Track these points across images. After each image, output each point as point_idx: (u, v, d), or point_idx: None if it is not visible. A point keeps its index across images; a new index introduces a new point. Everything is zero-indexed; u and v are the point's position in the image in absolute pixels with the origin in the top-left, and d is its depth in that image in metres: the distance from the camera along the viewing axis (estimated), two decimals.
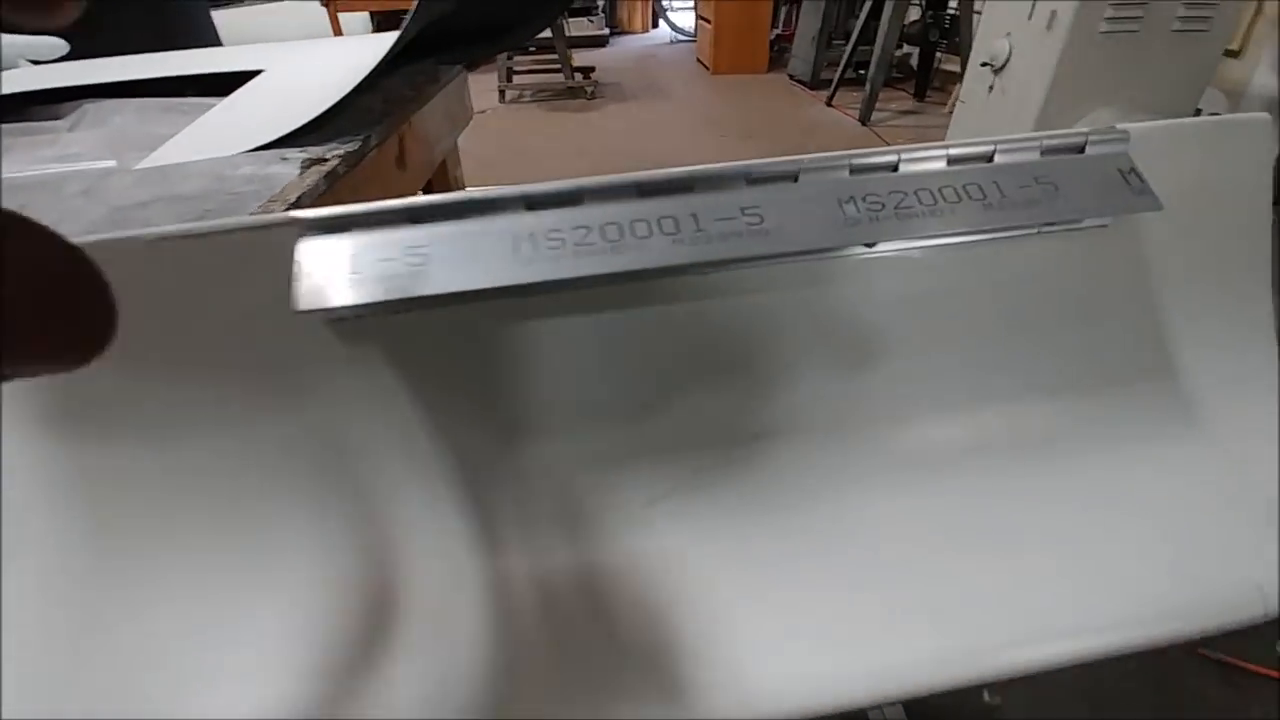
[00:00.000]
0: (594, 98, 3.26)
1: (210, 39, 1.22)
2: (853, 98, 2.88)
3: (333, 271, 0.20)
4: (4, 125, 0.51)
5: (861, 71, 2.84)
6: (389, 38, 0.56)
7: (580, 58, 3.60)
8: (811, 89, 3.30)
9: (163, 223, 0.23)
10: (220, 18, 1.46)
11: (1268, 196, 0.26)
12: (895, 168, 0.21)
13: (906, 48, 2.99)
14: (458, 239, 0.19)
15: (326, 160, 0.40)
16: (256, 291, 0.21)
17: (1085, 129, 0.22)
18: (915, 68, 2.99)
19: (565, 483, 0.25)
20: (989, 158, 0.21)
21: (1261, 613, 0.23)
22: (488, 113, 3.03)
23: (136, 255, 0.20)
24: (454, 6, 0.58)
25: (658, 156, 2.40)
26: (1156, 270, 0.27)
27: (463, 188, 0.85)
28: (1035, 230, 0.21)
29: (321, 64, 0.61)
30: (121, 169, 0.41)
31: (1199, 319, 0.28)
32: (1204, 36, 1.40)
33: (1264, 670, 0.74)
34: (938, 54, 2.86)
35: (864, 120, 2.73)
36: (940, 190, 0.21)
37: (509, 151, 2.58)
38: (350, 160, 0.42)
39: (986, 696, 0.72)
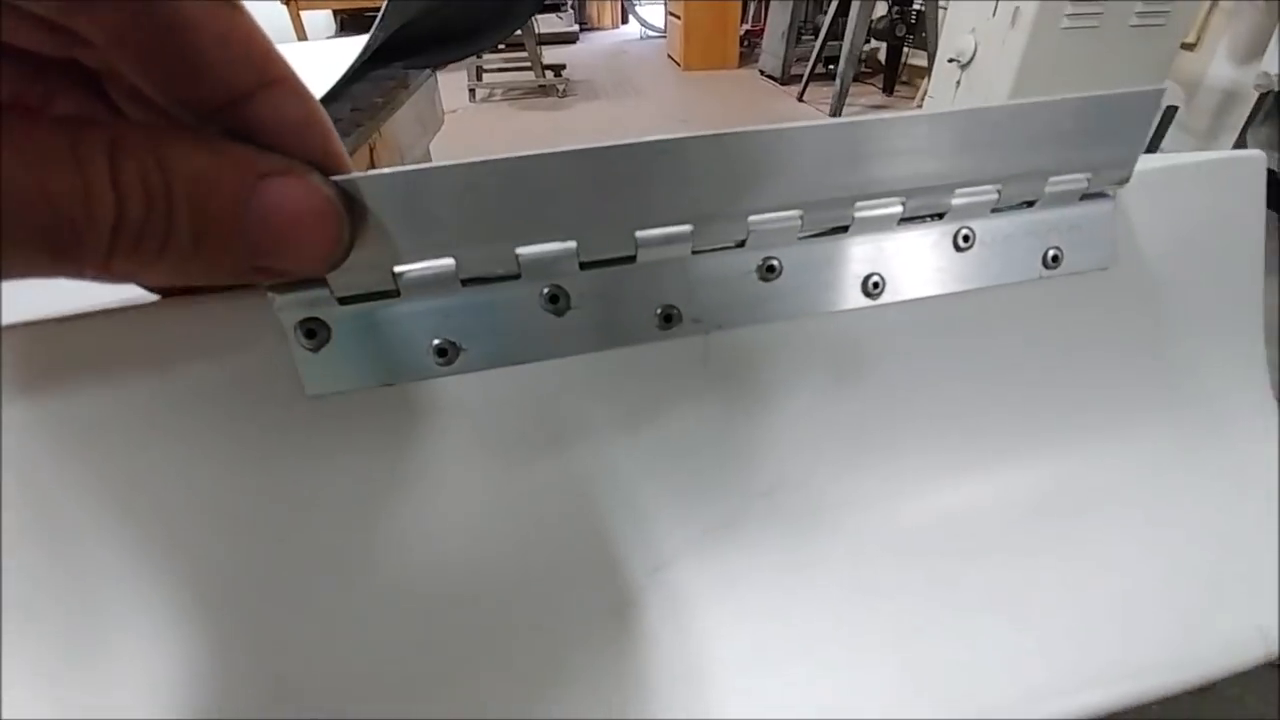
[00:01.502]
0: (565, 95, 3.24)
1: None
2: (823, 93, 2.90)
3: None
4: None
5: (831, 66, 2.87)
6: (353, 43, 0.54)
7: (550, 55, 3.57)
8: (782, 84, 3.32)
9: None
10: None
11: (1260, 234, 0.26)
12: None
13: (874, 42, 3.02)
14: None
15: None
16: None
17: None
18: (883, 62, 3.03)
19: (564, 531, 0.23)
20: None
21: (1263, 654, 0.22)
22: (458, 112, 2.99)
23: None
24: (422, 12, 0.57)
25: None
26: (1152, 316, 0.26)
27: None
28: (1037, 276, 0.20)
29: None
30: None
31: (1195, 364, 0.27)
32: (1161, 31, 1.43)
33: None
34: (905, 49, 2.90)
35: (835, 115, 2.75)
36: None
37: (481, 153, 2.54)
38: None
39: None
